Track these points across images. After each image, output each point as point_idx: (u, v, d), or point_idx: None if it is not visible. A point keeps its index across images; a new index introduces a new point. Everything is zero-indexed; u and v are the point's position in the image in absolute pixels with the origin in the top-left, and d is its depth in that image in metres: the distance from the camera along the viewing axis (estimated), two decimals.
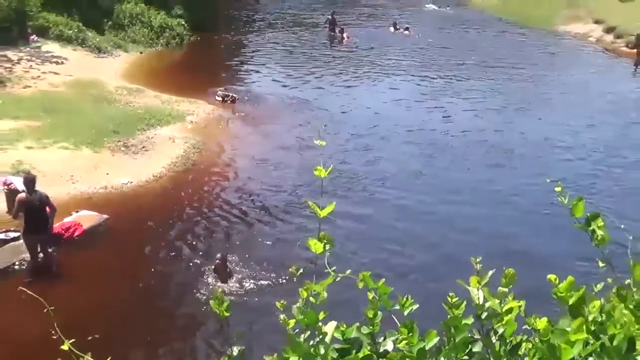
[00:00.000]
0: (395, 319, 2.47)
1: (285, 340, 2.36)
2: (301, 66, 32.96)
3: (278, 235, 16.16)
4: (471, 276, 2.55)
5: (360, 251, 15.15)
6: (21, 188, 15.08)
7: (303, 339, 2.35)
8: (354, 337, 2.39)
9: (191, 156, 20.14)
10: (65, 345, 2.61)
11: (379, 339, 2.43)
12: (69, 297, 13.04)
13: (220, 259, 14.02)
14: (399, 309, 2.52)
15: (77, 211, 16.05)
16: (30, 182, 13.71)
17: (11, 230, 14.77)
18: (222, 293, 2.50)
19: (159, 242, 15.59)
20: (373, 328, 2.40)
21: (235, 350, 2.49)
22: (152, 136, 21.12)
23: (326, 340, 2.32)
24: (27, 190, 13.66)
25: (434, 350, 2.38)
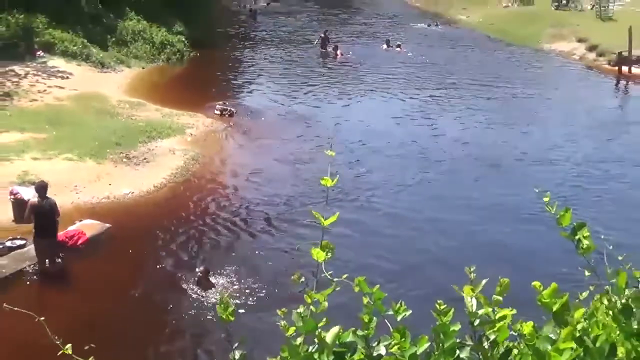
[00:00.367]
0: (388, 323, 2.48)
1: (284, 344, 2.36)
2: (296, 82, 33.01)
3: (274, 245, 16.15)
4: (465, 286, 2.56)
5: (352, 258, 15.10)
6: (27, 198, 15.27)
7: (301, 343, 2.36)
8: (349, 341, 2.39)
9: (190, 167, 20.13)
10: (68, 350, 2.62)
11: (373, 343, 2.44)
12: (73, 302, 13.12)
13: (202, 271, 13.93)
14: (392, 315, 2.53)
15: (81, 220, 16.01)
16: (42, 189, 13.97)
17: (17, 238, 14.78)
18: (228, 298, 2.51)
19: (158, 251, 15.56)
20: (368, 332, 2.41)
21: (237, 354, 2.49)
22: (153, 148, 21.10)
23: (328, 342, 2.32)
24: (39, 196, 13.90)
25: (424, 355, 2.39)
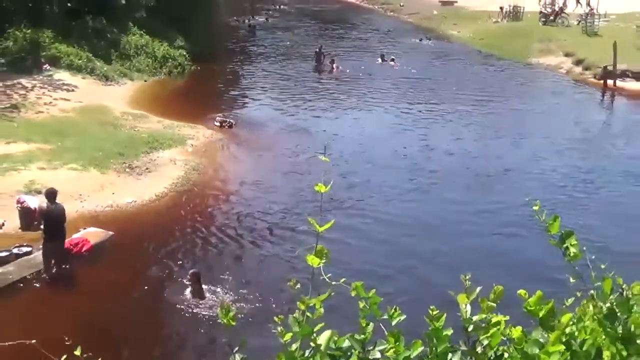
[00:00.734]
0: (383, 327, 2.49)
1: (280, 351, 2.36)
2: (294, 95, 33.03)
3: (272, 251, 16.18)
4: (460, 293, 2.56)
5: (349, 263, 15.10)
6: (33, 206, 15.45)
7: (297, 348, 2.36)
8: (345, 346, 2.39)
9: (191, 177, 20.13)
10: (77, 351, 2.63)
11: (369, 347, 2.44)
12: (76, 306, 13.12)
13: (191, 274, 13.90)
14: (386, 319, 2.53)
15: (85, 228, 16.04)
16: (52, 195, 14.35)
17: (24, 246, 14.83)
18: (229, 304, 2.50)
19: (159, 258, 15.55)
20: (365, 337, 2.41)
21: (237, 358, 2.49)
22: (155, 158, 21.10)
23: (321, 349, 2.32)
24: (49, 201, 14.28)
25: (418, 359, 2.40)
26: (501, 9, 54.73)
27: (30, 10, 31.18)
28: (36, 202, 15.98)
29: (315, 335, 2.35)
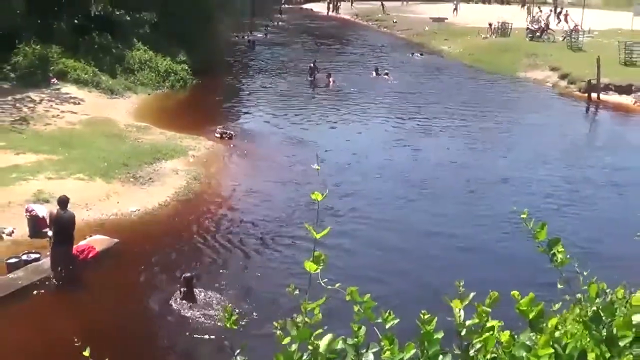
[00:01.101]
0: (377, 331, 2.49)
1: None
2: (292, 107, 33.09)
3: (271, 258, 16.13)
4: (454, 299, 2.56)
5: (341, 270, 15.09)
6: (41, 215, 15.53)
7: (295, 350, 2.36)
8: (338, 349, 2.39)
9: (193, 187, 20.12)
10: (86, 352, 2.63)
11: (362, 350, 2.44)
12: (80, 311, 13.09)
13: (184, 279, 13.83)
14: (380, 323, 2.53)
15: (91, 235, 16.01)
16: (63, 202, 14.45)
17: (32, 252, 14.82)
18: (231, 308, 2.51)
19: (162, 265, 15.51)
20: (358, 340, 2.41)
21: None
22: (158, 169, 21.09)
23: (321, 350, 2.32)
24: (60, 208, 14.36)
25: None
26: (490, 25, 55.02)
27: (40, 27, 31.28)
28: (44, 211, 15.99)
29: (313, 339, 2.35)
